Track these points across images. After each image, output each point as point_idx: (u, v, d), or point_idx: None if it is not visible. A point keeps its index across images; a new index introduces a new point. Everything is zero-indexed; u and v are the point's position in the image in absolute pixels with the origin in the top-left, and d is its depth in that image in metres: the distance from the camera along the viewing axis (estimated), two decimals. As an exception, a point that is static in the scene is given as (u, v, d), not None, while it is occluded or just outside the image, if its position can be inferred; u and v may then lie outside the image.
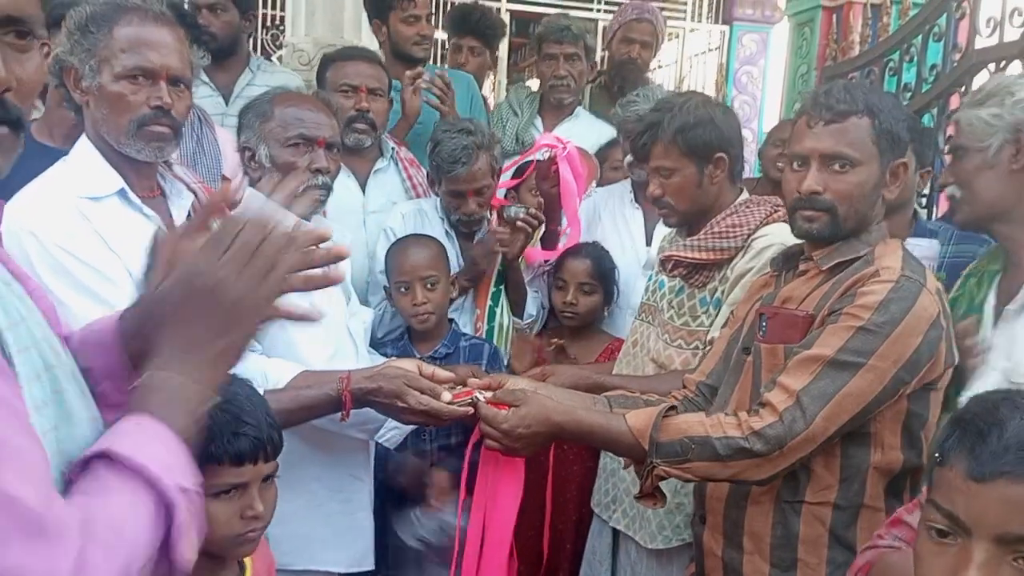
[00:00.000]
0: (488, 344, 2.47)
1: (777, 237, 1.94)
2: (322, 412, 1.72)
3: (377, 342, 2.41)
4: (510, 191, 2.85)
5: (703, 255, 2.04)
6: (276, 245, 0.91)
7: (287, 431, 1.44)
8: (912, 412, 1.57)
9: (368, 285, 2.62)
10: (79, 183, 1.64)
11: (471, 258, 2.60)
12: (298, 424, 1.69)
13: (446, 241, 2.57)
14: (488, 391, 1.71)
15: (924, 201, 3.26)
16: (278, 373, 1.72)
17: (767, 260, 1.86)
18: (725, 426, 1.53)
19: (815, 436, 1.50)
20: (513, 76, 6.88)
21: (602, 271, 2.60)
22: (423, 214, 2.66)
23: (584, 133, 3.28)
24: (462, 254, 2.65)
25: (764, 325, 1.67)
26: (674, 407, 1.67)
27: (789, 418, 1.50)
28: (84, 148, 1.68)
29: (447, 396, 1.70)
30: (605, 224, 2.81)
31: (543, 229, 2.74)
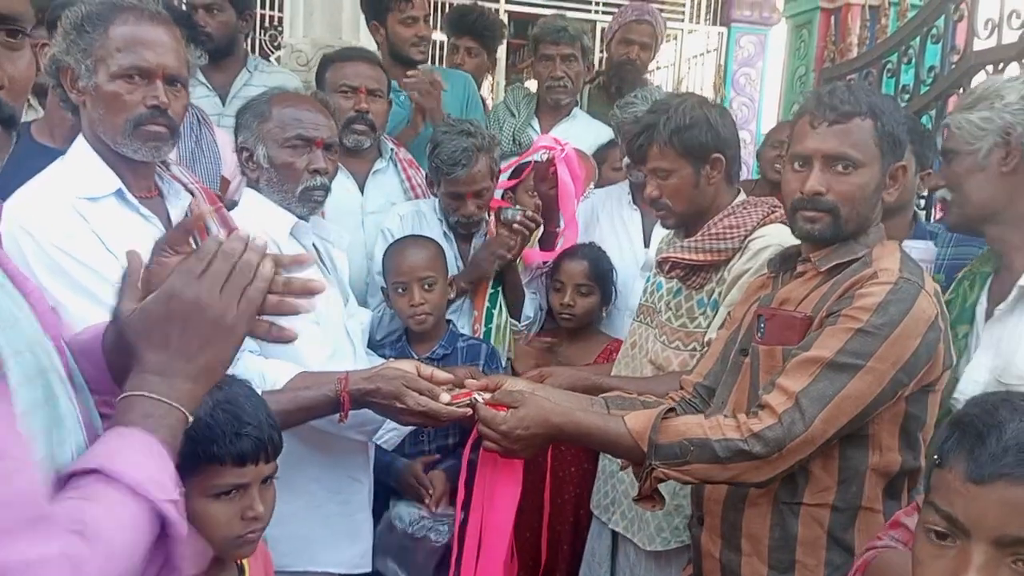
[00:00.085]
0: (486, 345, 2.47)
1: (774, 238, 1.94)
2: (320, 413, 1.72)
3: (375, 344, 2.41)
4: (506, 192, 2.85)
5: (700, 256, 2.03)
6: (252, 263, 0.94)
7: (286, 432, 1.44)
8: (910, 414, 1.57)
9: (367, 286, 2.61)
10: (76, 183, 1.63)
11: (473, 261, 2.59)
12: (296, 425, 1.68)
13: (444, 242, 2.57)
14: (486, 392, 1.71)
15: (923, 203, 3.26)
16: (276, 374, 1.72)
17: (764, 261, 1.86)
18: (724, 428, 1.53)
19: (814, 438, 1.50)
20: (511, 77, 6.87)
21: (599, 272, 2.60)
22: (421, 215, 2.66)
23: (581, 134, 3.27)
24: (460, 255, 2.65)
25: (762, 327, 1.66)
26: (673, 409, 1.67)
27: (788, 420, 1.49)
28: (81, 148, 1.67)
29: (445, 397, 1.69)
30: (603, 226, 2.81)
31: (541, 231, 2.74)
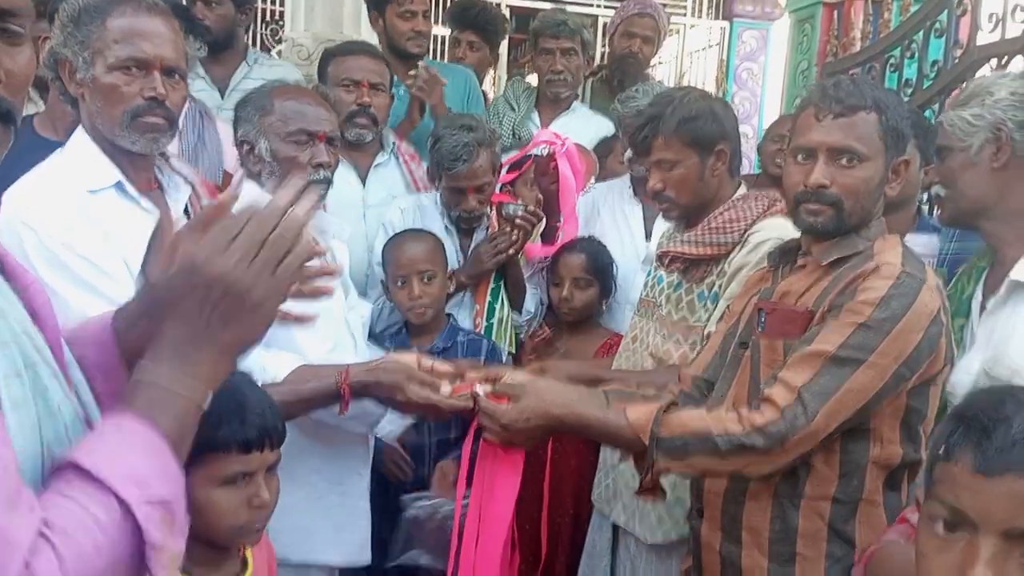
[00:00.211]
0: (487, 340, 2.47)
1: (775, 231, 1.93)
2: (320, 405, 1.72)
3: (375, 336, 2.40)
4: (505, 185, 2.85)
5: (700, 250, 2.03)
6: (286, 237, 0.87)
7: (287, 424, 1.44)
8: (911, 407, 1.56)
9: (367, 279, 2.61)
10: (76, 176, 1.62)
11: (475, 257, 2.59)
12: (297, 417, 1.68)
13: (446, 236, 2.57)
14: (487, 384, 1.70)
15: (926, 197, 3.25)
16: (276, 366, 1.71)
17: (764, 254, 1.86)
18: (726, 422, 1.53)
19: (816, 432, 1.50)
20: (513, 72, 6.86)
21: (598, 265, 2.59)
22: (423, 209, 2.65)
23: (581, 128, 3.27)
24: (461, 250, 2.65)
25: (763, 320, 1.66)
26: (674, 402, 1.67)
27: (791, 414, 1.49)
28: (80, 141, 1.67)
29: (446, 389, 1.69)
30: (604, 220, 2.81)
31: (543, 225, 2.74)
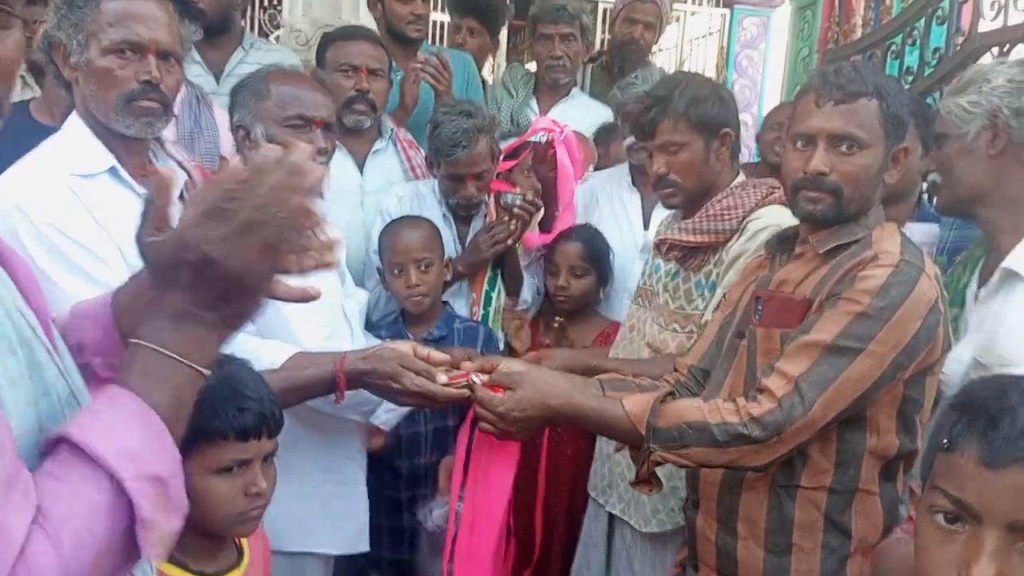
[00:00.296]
0: (483, 327, 2.45)
1: (772, 219, 1.92)
2: (316, 393, 1.71)
3: (371, 325, 2.39)
4: (502, 173, 2.82)
5: (698, 238, 2.02)
6: (282, 206, 0.83)
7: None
8: (908, 397, 1.56)
9: (364, 267, 2.60)
10: (69, 160, 1.61)
11: (473, 246, 2.57)
12: (292, 405, 1.67)
13: (443, 224, 2.55)
14: (483, 374, 1.70)
15: (925, 185, 3.23)
16: (272, 354, 1.70)
17: (762, 243, 1.85)
18: (723, 412, 1.52)
19: (814, 422, 1.49)
20: (512, 58, 6.82)
21: (594, 253, 2.57)
22: (420, 197, 2.64)
23: (580, 114, 3.25)
24: (459, 238, 2.63)
25: (760, 309, 1.65)
26: (671, 393, 1.66)
27: (788, 404, 1.48)
28: (74, 125, 1.65)
29: (443, 378, 1.68)
30: (603, 208, 2.79)
31: (541, 214, 2.72)
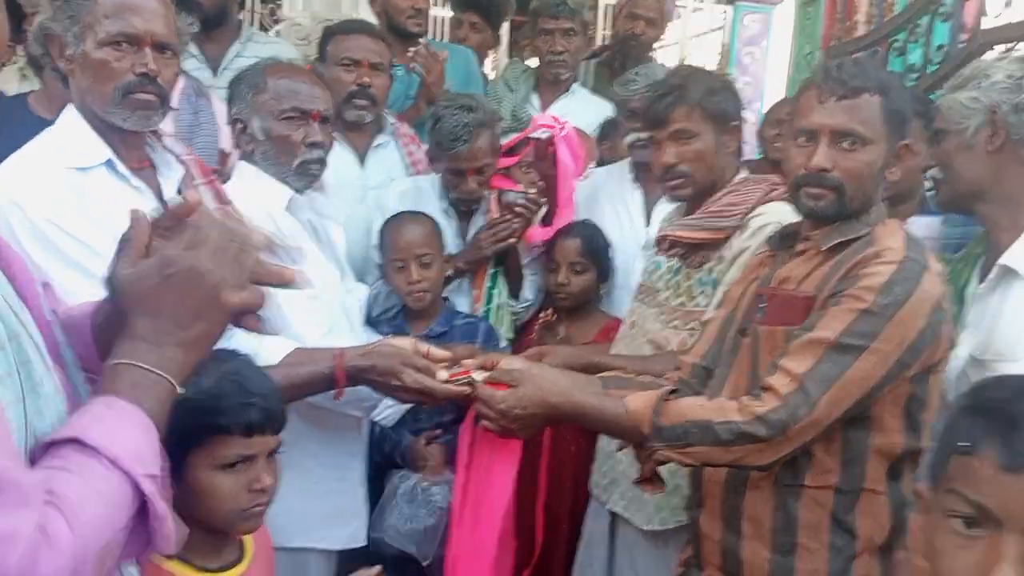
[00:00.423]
0: (484, 323, 2.45)
1: (775, 216, 1.91)
2: (316, 390, 1.70)
3: (372, 320, 2.38)
4: (500, 169, 2.80)
5: (699, 234, 2.00)
6: (245, 234, 0.92)
7: (282, 409, 1.42)
8: (913, 395, 1.54)
9: (364, 262, 2.58)
10: (65, 153, 1.60)
11: (474, 244, 2.55)
12: (292, 402, 1.66)
13: (444, 219, 2.54)
14: (484, 371, 1.68)
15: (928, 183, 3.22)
16: (270, 350, 1.69)
17: (764, 239, 1.83)
18: (727, 410, 1.51)
19: (819, 421, 1.48)
20: (513, 54, 6.80)
21: (593, 249, 2.55)
22: (421, 191, 2.62)
23: (581, 110, 3.24)
24: (460, 233, 2.62)
25: (763, 307, 1.63)
26: (674, 391, 1.64)
27: (792, 403, 1.47)
28: (70, 118, 1.64)
29: (443, 375, 1.67)
30: (604, 205, 2.77)
31: (543, 211, 2.71)
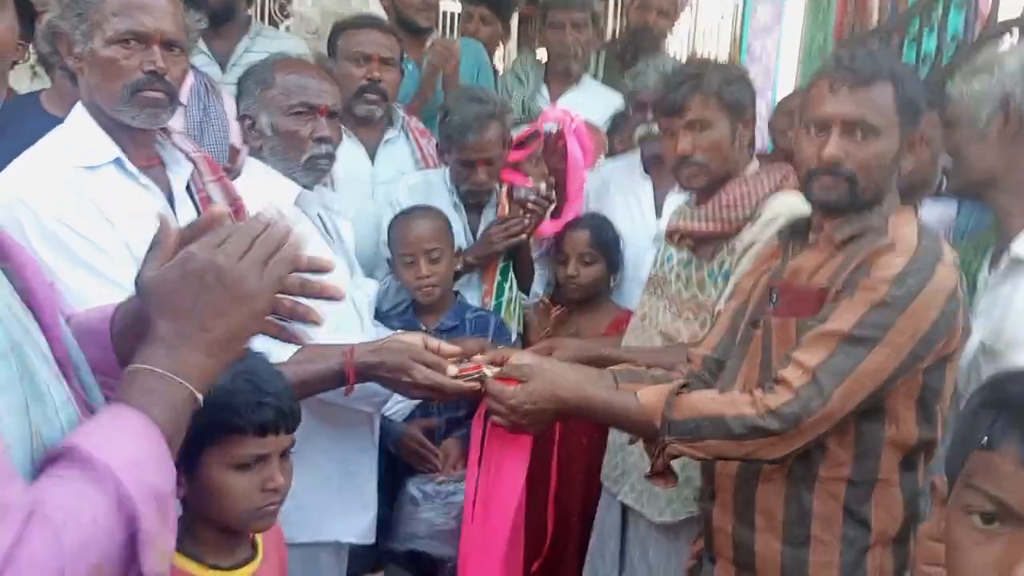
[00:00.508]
0: (495, 317, 2.44)
1: (786, 207, 1.89)
2: (326, 387, 1.70)
3: (382, 315, 2.38)
4: (511, 163, 2.80)
5: (710, 226, 1.99)
6: (276, 237, 0.89)
7: (293, 404, 1.42)
8: (927, 386, 1.53)
9: (375, 257, 2.58)
10: (74, 152, 1.60)
11: (484, 239, 2.55)
12: (302, 399, 1.66)
13: (454, 213, 2.54)
14: (495, 366, 1.68)
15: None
16: (280, 347, 1.69)
17: (775, 231, 1.81)
18: (739, 404, 1.50)
19: (832, 413, 1.46)
20: (524, 46, 6.78)
21: (602, 240, 2.54)
22: (431, 185, 2.62)
23: (591, 102, 3.22)
24: (470, 227, 2.61)
25: (775, 299, 1.62)
26: (686, 384, 1.63)
27: (806, 395, 1.46)
28: (79, 116, 1.64)
29: (453, 370, 1.67)
30: (615, 197, 2.76)
31: (554, 205, 2.70)
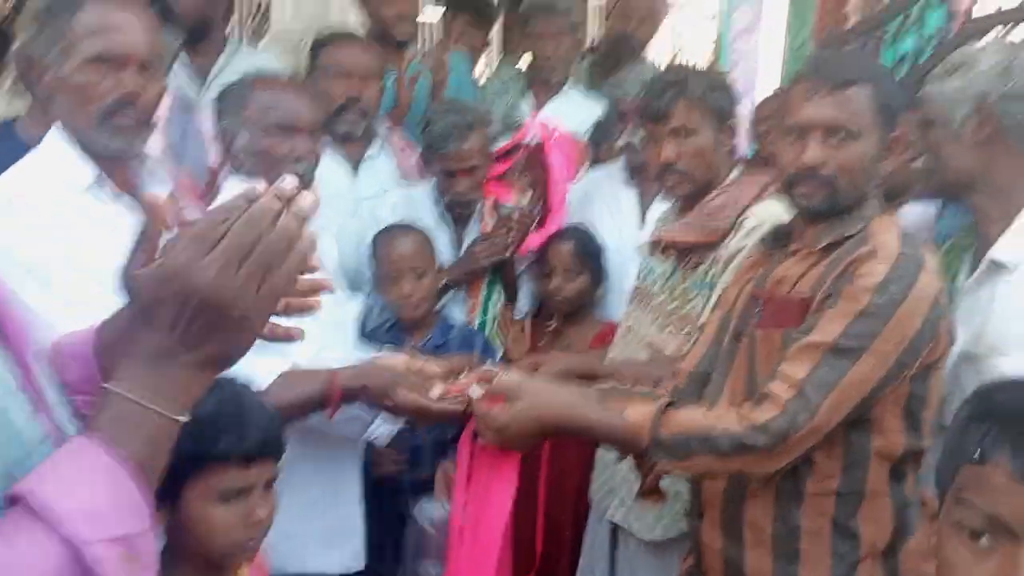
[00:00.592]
0: (480, 334, 2.44)
1: (768, 215, 1.88)
2: (309, 411, 1.68)
3: (366, 334, 2.36)
4: (493, 176, 2.79)
5: (693, 236, 1.98)
6: (278, 246, 0.76)
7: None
8: (913, 394, 1.52)
9: (357, 274, 2.56)
10: (49, 177, 1.57)
11: (469, 256, 2.54)
12: (285, 424, 1.64)
13: (440, 227, 2.52)
14: (480, 385, 1.66)
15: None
16: (260, 372, 1.66)
17: (758, 240, 1.80)
18: (726, 420, 1.48)
19: (820, 427, 1.45)
20: (506, 54, 6.78)
21: (586, 252, 2.53)
22: (414, 201, 2.61)
23: (573, 111, 3.22)
24: (455, 241, 2.60)
25: (759, 311, 1.61)
26: (672, 402, 1.62)
27: (792, 410, 1.44)
28: (54, 139, 1.61)
29: (438, 390, 1.65)
30: (597, 207, 2.75)
31: (538, 220, 2.69)
